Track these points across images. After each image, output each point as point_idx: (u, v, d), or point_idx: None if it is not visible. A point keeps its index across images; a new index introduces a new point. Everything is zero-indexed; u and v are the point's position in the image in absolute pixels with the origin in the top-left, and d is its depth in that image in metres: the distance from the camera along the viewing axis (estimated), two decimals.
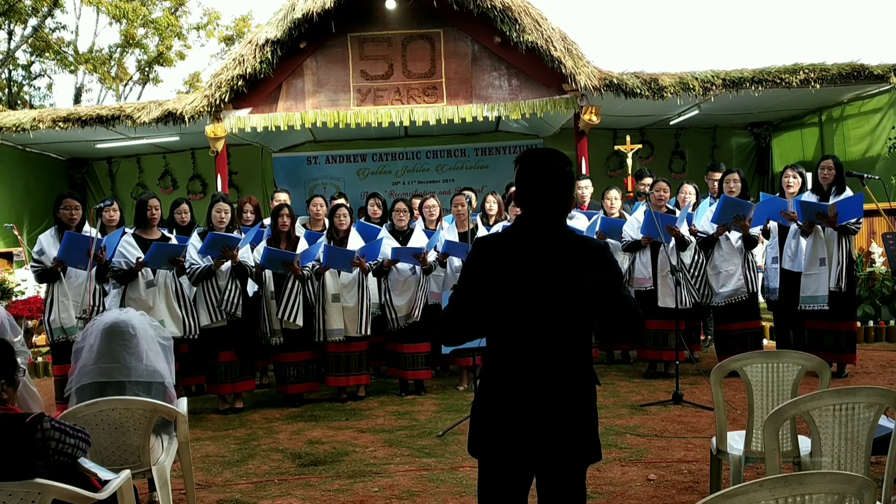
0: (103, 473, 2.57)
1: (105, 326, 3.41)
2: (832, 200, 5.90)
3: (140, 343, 3.43)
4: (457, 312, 2.28)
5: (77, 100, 20.48)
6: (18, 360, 2.77)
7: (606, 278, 2.25)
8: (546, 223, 2.26)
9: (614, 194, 6.85)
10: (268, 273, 6.08)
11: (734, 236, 6.26)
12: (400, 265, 6.22)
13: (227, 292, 5.88)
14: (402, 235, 6.39)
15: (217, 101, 8.36)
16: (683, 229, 6.30)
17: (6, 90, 19.83)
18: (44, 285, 6.03)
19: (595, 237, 6.35)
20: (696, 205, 6.71)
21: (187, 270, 5.76)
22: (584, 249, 2.26)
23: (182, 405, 3.66)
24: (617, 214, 6.79)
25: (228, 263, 5.83)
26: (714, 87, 8.60)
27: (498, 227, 6.31)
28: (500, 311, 2.24)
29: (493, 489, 2.31)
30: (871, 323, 7.71)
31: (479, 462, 2.34)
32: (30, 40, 18.86)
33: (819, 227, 5.96)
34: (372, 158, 11.62)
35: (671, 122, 10.98)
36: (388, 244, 6.22)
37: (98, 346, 3.38)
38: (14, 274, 8.79)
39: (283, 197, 7.01)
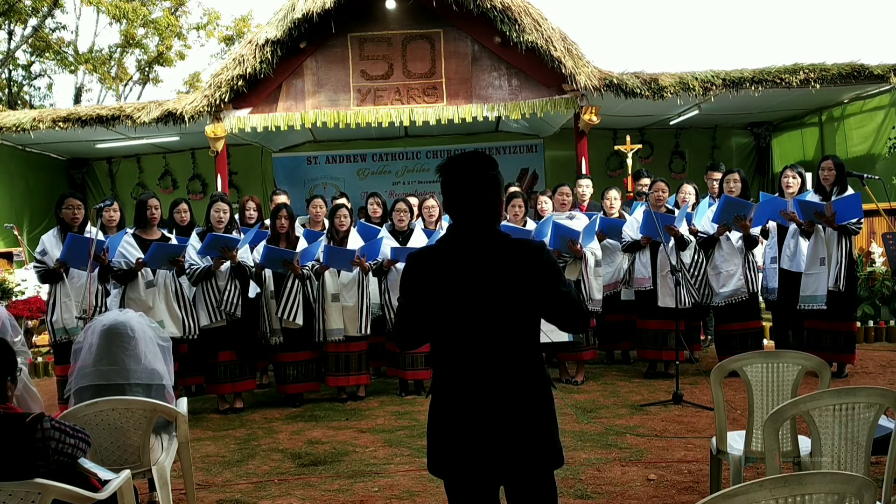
0: (103, 473, 2.57)
1: (104, 328, 3.41)
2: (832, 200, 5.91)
3: (139, 345, 3.43)
4: (404, 325, 2.28)
5: (77, 100, 20.48)
6: (19, 360, 2.77)
7: (544, 278, 2.20)
8: (476, 229, 2.22)
9: (614, 194, 6.85)
10: (268, 272, 6.08)
11: (734, 236, 6.26)
12: (400, 265, 6.22)
13: (227, 293, 5.88)
14: (403, 235, 6.39)
15: (217, 101, 8.36)
16: (683, 229, 6.30)
17: (6, 90, 19.84)
18: (45, 285, 6.04)
19: (595, 237, 6.39)
20: (695, 205, 6.71)
21: (187, 271, 5.76)
22: (518, 252, 2.22)
23: (182, 405, 3.66)
24: (616, 214, 6.79)
25: (228, 264, 5.83)
26: (714, 87, 8.60)
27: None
28: (440, 324, 2.22)
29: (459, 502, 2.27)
30: (870, 323, 7.71)
31: (444, 481, 2.30)
32: (30, 40, 18.86)
33: (820, 226, 5.96)
34: (372, 158, 11.62)
35: (671, 123, 10.98)
36: (388, 244, 6.23)
37: (97, 348, 3.37)
38: (14, 274, 8.79)
39: (281, 198, 7.01)
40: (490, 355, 2.18)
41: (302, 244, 6.11)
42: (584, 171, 8.54)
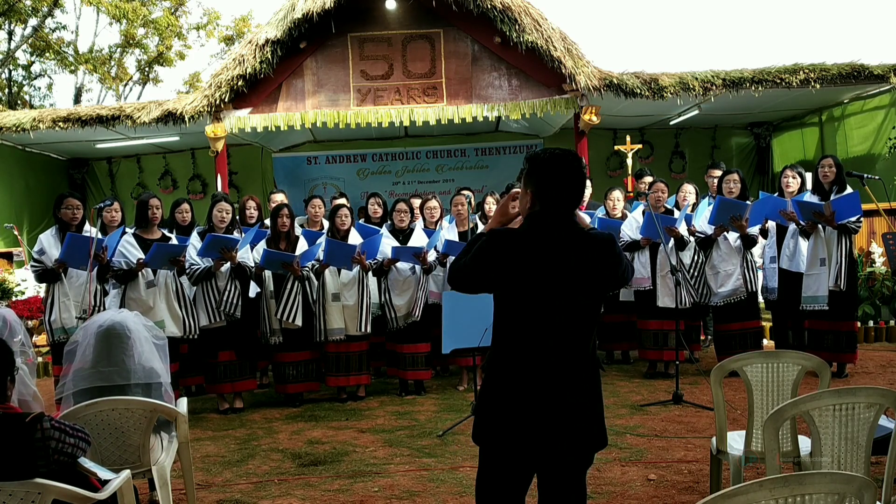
0: (103, 473, 2.57)
1: (101, 329, 3.39)
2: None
3: (136, 344, 3.42)
4: (466, 269, 2.35)
5: (77, 100, 20.48)
6: (18, 360, 2.77)
7: (616, 269, 2.38)
8: (560, 220, 2.35)
9: (617, 195, 6.85)
10: (267, 273, 6.08)
11: (732, 236, 6.26)
12: (400, 265, 6.22)
13: (227, 293, 5.88)
14: (403, 235, 6.39)
15: (217, 101, 8.36)
16: (682, 229, 6.30)
17: (6, 90, 19.83)
18: (44, 285, 6.03)
19: None
20: (695, 205, 6.71)
21: (187, 271, 5.76)
22: (596, 244, 2.36)
23: (182, 405, 3.66)
24: (619, 215, 6.79)
25: (228, 265, 5.83)
26: (714, 87, 8.60)
27: None
28: (513, 304, 2.31)
29: (493, 479, 2.34)
30: (871, 323, 7.72)
31: (482, 451, 2.37)
32: (30, 40, 18.86)
33: (820, 226, 5.96)
34: (372, 158, 11.62)
35: (671, 122, 10.98)
36: (388, 244, 6.22)
37: (95, 350, 3.36)
38: (14, 274, 8.79)
39: (279, 197, 7.01)
40: (557, 338, 2.28)
41: (302, 244, 6.11)
42: None
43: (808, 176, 6.62)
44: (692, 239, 6.39)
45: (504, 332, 2.36)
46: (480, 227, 6.40)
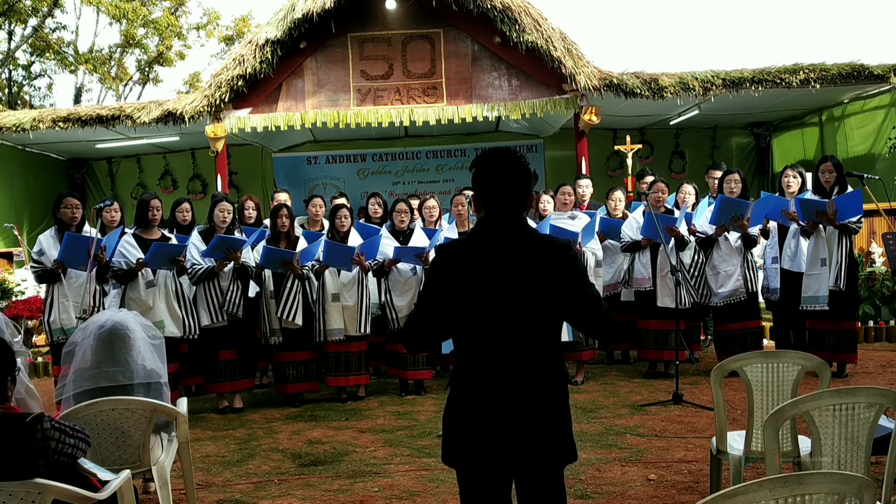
0: (103, 474, 2.57)
1: (102, 329, 3.39)
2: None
3: (136, 344, 3.43)
4: (422, 319, 2.28)
5: (77, 100, 20.47)
6: (18, 360, 2.77)
7: (569, 276, 2.22)
8: (507, 224, 2.25)
9: (619, 195, 6.85)
10: (267, 273, 6.08)
11: (733, 236, 6.26)
12: (400, 265, 6.22)
13: (230, 293, 5.88)
14: (403, 236, 6.39)
15: (217, 101, 8.36)
16: (682, 229, 6.30)
17: (6, 90, 19.83)
18: (43, 286, 6.03)
19: (596, 236, 6.39)
20: (695, 204, 6.71)
21: (189, 270, 5.76)
22: (547, 248, 2.24)
23: (182, 405, 3.66)
24: (621, 215, 6.79)
25: (231, 265, 5.83)
26: (714, 87, 8.59)
27: None
28: (467, 316, 2.23)
29: (474, 497, 2.28)
30: (870, 323, 7.71)
31: (457, 472, 2.31)
32: (30, 40, 18.86)
33: (821, 226, 5.96)
34: (372, 158, 11.62)
35: (671, 123, 10.98)
36: (389, 244, 6.22)
37: (96, 350, 3.36)
38: (14, 274, 8.79)
39: (282, 197, 7.01)
40: (513, 349, 2.20)
41: (302, 244, 6.11)
42: (584, 172, 8.53)
43: (809, 176, 6.62)
44: (692, 239, 6.38)
45: (461, 345, 2.29)
46: None
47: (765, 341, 7.00)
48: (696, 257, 6.43)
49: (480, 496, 2.27)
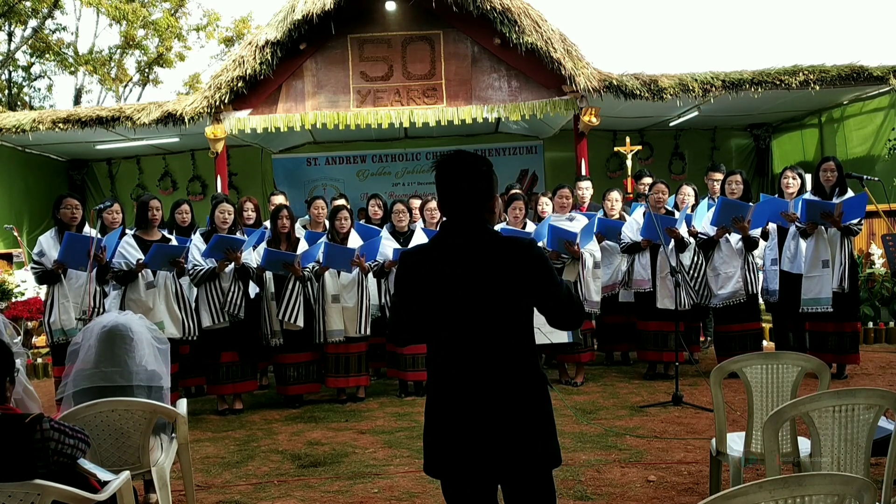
0: (103, 474, 2.57)
1: (104, 330, 3.40)
2: (836, 200, 5.90)
3: (138, 346, 3.43)
4: (397, 323, 2.33)
5: (77, 101, 20.48)
6: (17, 361, 2.77)
7: (534, 274, 2.20)
8: (468, 227, 2.24)
9: (615, 196, 6.85)
10: (268, 274, 6.08)
11: (734, 238, 6.25)
12: None
13: (231, 294, 5.87)
14: (403, 237, 6.39)
15: (217, 103, 8.37)
16: (682, 230, 6.30)
17: (6, 91, 19.84)
18: (44, 287, 6.03)
19: (594, 238, 6.39)
20: (694, 206, 6.71)
21: (190, 271, 5.76)
22: (507, 248, 2.22)
23: (182, 406, 3.66)
24: (617, 216, 6.79)
25: (232, 265, 5.83)
26: (713, 89, 8.61)
27: (497, 229, 6.30)
28: (433, 323, 2.22)
29: None
30: (870, 324, 7.72)
31: (441, 482, 2.29)
32: (30, 41, 18.88)
33: (822, 228, 5.95)
34: (372, 160, 11.63)
35: (671, 124, 10.98)
36: (390, 245, 6.22)
37: (97, 350, 3.37)
38: (14, 275, 8.79)
39: (279, 199, 7.01)
40: (483, 354, 2.18)
41: (303, 246, 6.11)
42: (583, 173, 8.54)
43: (808, 177, 6.62)
44: (692, 240, 6.39)
45: (432, 353, 2.28)
46: None
47: (764, 343, 7.00)
48: (695, 259, 6.43)
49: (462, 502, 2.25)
